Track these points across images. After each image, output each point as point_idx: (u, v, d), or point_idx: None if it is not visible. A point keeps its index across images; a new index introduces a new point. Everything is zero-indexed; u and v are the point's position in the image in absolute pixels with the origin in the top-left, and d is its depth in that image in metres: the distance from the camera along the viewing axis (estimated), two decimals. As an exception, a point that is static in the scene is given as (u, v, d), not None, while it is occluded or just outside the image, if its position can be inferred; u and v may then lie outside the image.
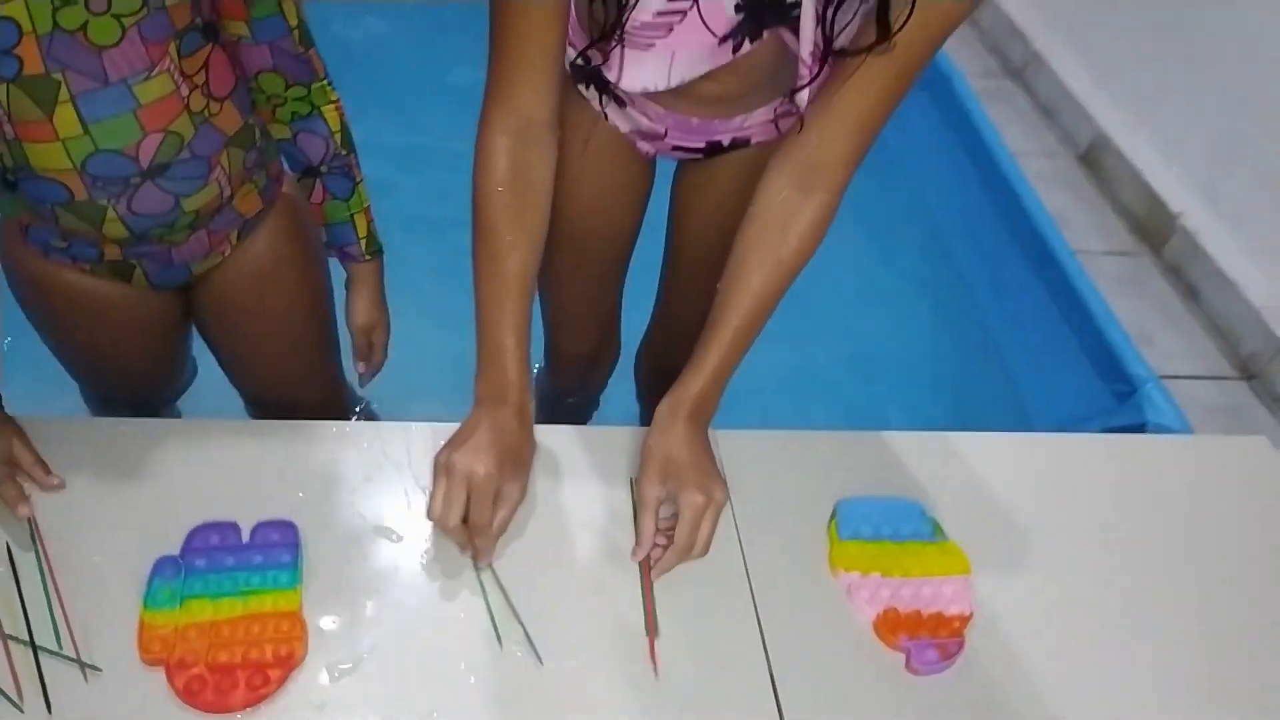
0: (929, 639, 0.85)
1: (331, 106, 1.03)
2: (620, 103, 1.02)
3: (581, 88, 1.03)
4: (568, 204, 1.07)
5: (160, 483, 0.85)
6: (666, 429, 0.89)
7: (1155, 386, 1.50)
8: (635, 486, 0.90)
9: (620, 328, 1.37)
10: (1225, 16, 2.45)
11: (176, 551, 0.79)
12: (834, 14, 0.79)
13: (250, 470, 0.87)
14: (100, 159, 0.86)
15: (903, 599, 0.88)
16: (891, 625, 0.86)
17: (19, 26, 0.77)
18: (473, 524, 0.82)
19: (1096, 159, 2.81)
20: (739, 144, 1.05)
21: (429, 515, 0.82)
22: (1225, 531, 0.98)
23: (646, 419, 0.95)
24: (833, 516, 0.94)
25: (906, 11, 0.75)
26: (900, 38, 0.77)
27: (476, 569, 0.84)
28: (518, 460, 0.87)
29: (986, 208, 2.09)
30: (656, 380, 1.14)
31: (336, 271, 1.17)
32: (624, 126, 1.05)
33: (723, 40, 0.86)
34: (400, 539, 0.86)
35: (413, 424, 0.96)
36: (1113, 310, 1.76)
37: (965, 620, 0.87)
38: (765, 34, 0.86)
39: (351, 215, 1.09)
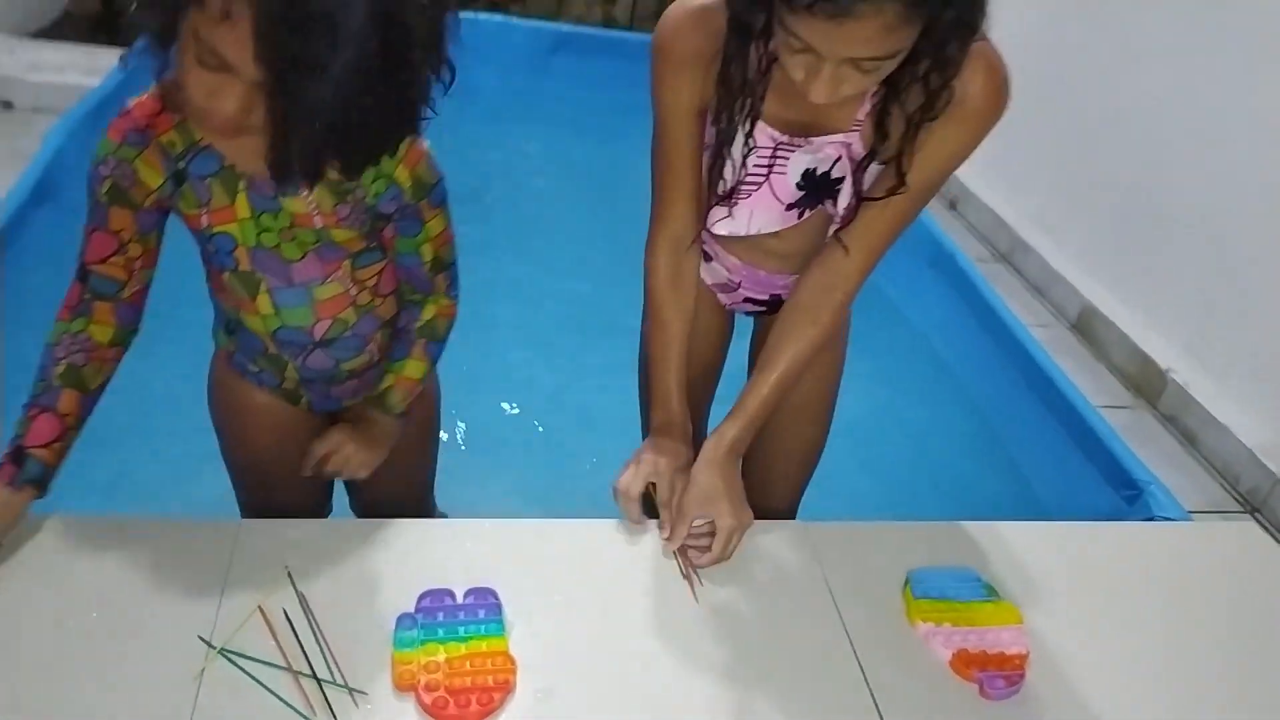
0: (996, 671, 1.07)
1: (435, 306, 1.23)
2: (707, 257, 1.33)
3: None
4: (696, 355, 1.37)
5: (391, 559, 1.10)
6: (709, 463, 1.18)
7: (1157, 486, 1.75)
8: (679, 502, 1.17)
9: None
10: (1190, 192, 2.84)
11: (412, 609, 1.03)
12: (863, 181, 1.11)
13: (451, 552, 1.12)
14: (285, 332, 1.17)
15: (970, 642, 1.10)
16: (965, 662, 1.08)
17: (235, 239, 1.09)
18: (660, 499, 1.16)
19: (1088, 326, 3.14)
20: None
21: (616, 485, 1.15)
22: (1219, 601, 1.21)
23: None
24: (906, 582, 1.17)
25: (916, 161, 1.06)
26: (912, 178, 1.09)
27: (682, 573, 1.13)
28: (682, 467, 1.20)
29: (990, 349, 2.41)
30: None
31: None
32: (709, 279, 1.36)
33: (788, 208, 1.18)
34: (570, 602, 1.09)
35: (561, 520, 1.22)
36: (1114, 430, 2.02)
37: (1024, 658, 1.09)
38: (824, 206, 1.18)
39: (385, 374, 1.25)
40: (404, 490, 1.43)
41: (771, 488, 1.42)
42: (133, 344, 1.15)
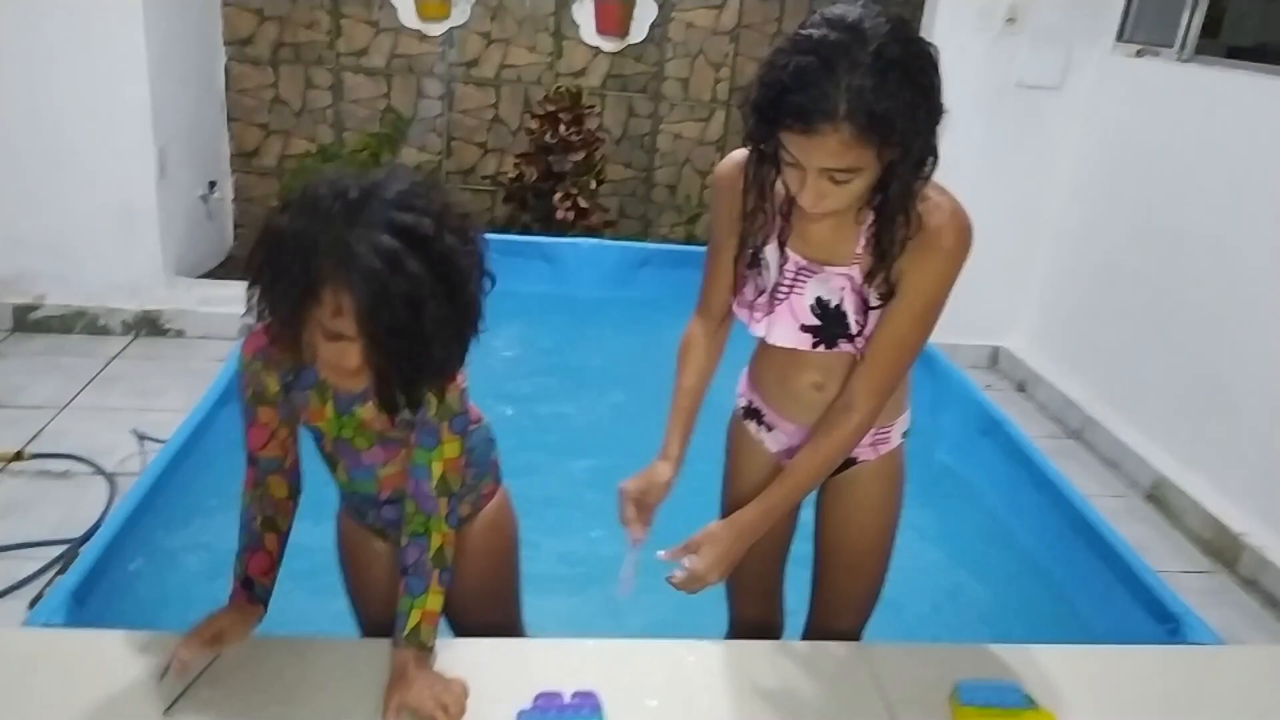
0: (1033, 767, 1.22)
1: (439, 535, 1.36)
2: (769, 428, 1.59)
3: (750, 425, 1.62)
4: (738, 500, 1.59)
5: (504, 670, 1.34)
6: (723, 525, 1.45)
7: (1191, 616, 1.86)
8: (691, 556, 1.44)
9: (783, 608, 1.80)
10: (1251, 364, 3.01)
11: (529, 707, 1.26)
12: (866, 319, 1.38)
13: (557, 663, 1.35)
14: (357, 496, 1.48)
15: (1010, 743, 1.26)
16: (1005, 758, 1.24)
17: (322, 432, 1.41)
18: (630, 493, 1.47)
19: (1161, 496, 3.24)
20: (850, 462, 1.58)
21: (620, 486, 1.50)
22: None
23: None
24: (953, 693, 1.35)
25: (903, 290, 1.34)
26: (903, 304, 1.36)
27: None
28: (658, 485, 1.49)
29: (1049, 514, 2.58)
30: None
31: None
32: (774, 447, 1.61)
33: (803, 329, 1.43)
34: (661, 705, 1.30)
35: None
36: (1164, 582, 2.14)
37: (1059, 757, 1.25)
38: (840, 345, 1.42)
39: (410, 609, 1.33)
40: (497, 616, 1.63)
41: (841, 616, 1.62)
42: (301, 497, 1.46)
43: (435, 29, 4.53)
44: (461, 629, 1.65)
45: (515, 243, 4.13)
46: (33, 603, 2.13)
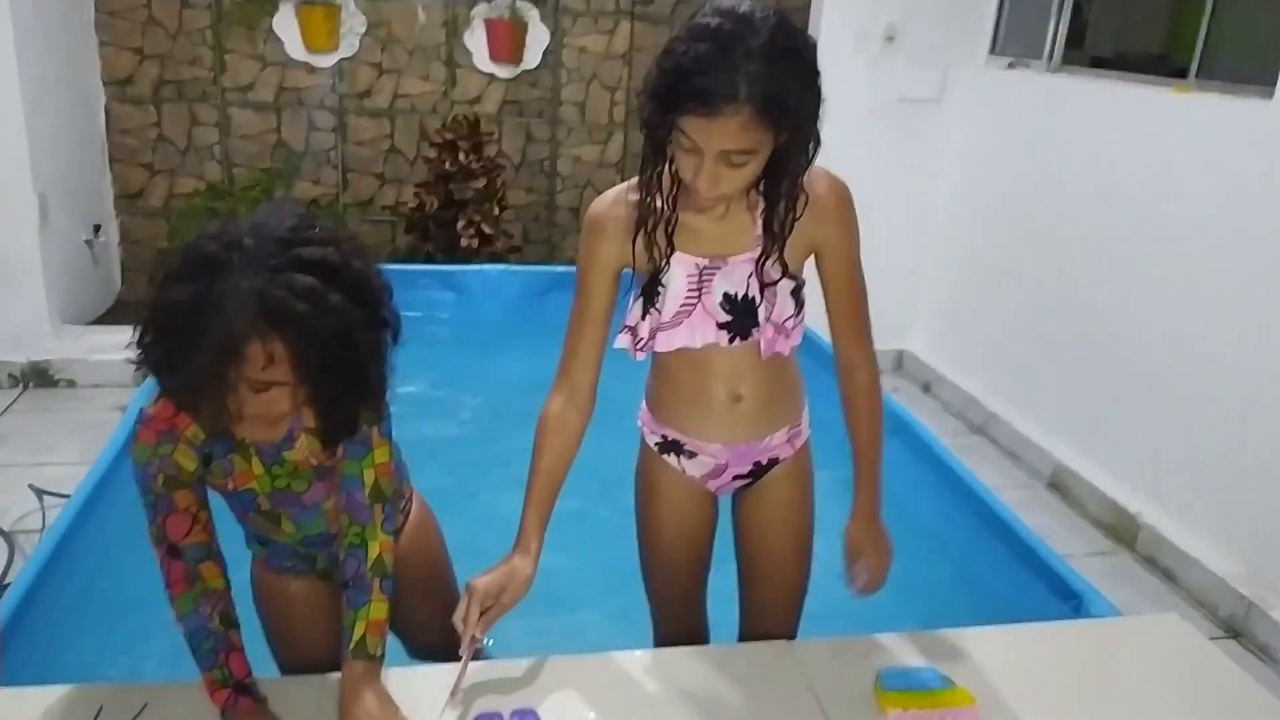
0: (955, 742, 1.28)
1: (376, 543, 1.35)
2: (691, 454, 1.60)
3: (669, 458, 1.61)
4: (662, 532, 1.64)
5: (441, 693, 1.31)
6: (865, 533, 1.56)
7: (1092, 592, 1.97)
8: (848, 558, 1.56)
9: (707, 622, 1.83)
10: (1131, 352, 3.19)
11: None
12: (774, 300, 1.44)
13: (495, 684, 1.34)
14: (309, 540, 1.45)
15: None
16: (927, 737, 1.29)
17: (255, 492, 1.38)
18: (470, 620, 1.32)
19: (1061, 484, 3.40)
20: (773, 463, 1.62)
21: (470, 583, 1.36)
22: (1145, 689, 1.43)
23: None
24: (876, 680, 1.39)
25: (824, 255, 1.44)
26: (832, 266, 1.46)
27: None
28: (517, 582, 1.37)
29: (958, 506, 2.68)
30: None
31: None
32: (697, 473, 1.61)
33: (719, 326, 1.46)
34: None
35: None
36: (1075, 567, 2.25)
37: (978, 730, 1.30)
38: (752, 334, 1.45)
39: (354, 621, 1.31)
40: (440, 612, 1.50)
41: (772, 620, 1.65)
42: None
43: (324, 61, 4.48)
44: (409, 633, 1.66)
45: (420, 272, 4.11)
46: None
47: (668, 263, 1.43)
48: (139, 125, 4.42)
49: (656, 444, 1.62)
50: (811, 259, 1.48)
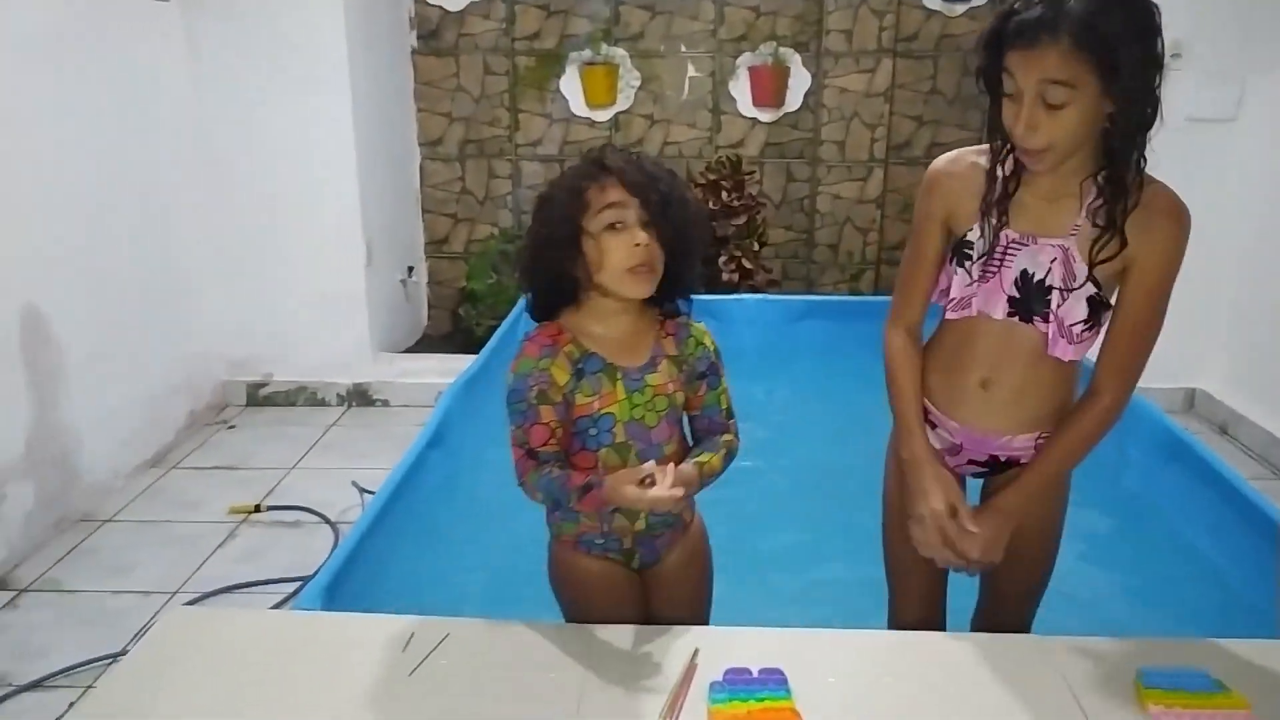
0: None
1: (730, 437, 1.59)
2: (932, 425, 1.64)
3: None
4: (900, 501, 1.66)
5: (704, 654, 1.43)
6: (989, 515, 1.54)
7: None
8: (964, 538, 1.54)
9: (945, 610, 1.81)
10: None
11: (720, 679, 1.36)
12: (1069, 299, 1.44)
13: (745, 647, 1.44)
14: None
15: None
16: (1191, 736, 1.24)
17: (615, 417, 1.54)
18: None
19: (1388, 533, 3.00)
20: (1012, 462, 1.62)
21: (927, 509, 1.54)
22: None
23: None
24: (1137, 678, 1.35)
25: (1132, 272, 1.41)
26: (1135, 289, 1.42)
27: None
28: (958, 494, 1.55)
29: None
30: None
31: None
32: (937, 445, 1.64)
33: (1008, 300, 1.47)
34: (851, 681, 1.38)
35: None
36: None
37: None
38: (1035, 323, 1.47)
39: (701, 454, 1.55)
40: (690, 620, 1.68)
41: (1007, 611, 1.68)
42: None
43: (602, 115, 4.89)
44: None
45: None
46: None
47: (988, 230, 1.48)
48: (446, 180, 5.03)
49: None
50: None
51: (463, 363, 3.79)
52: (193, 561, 2.86)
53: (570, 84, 4.85)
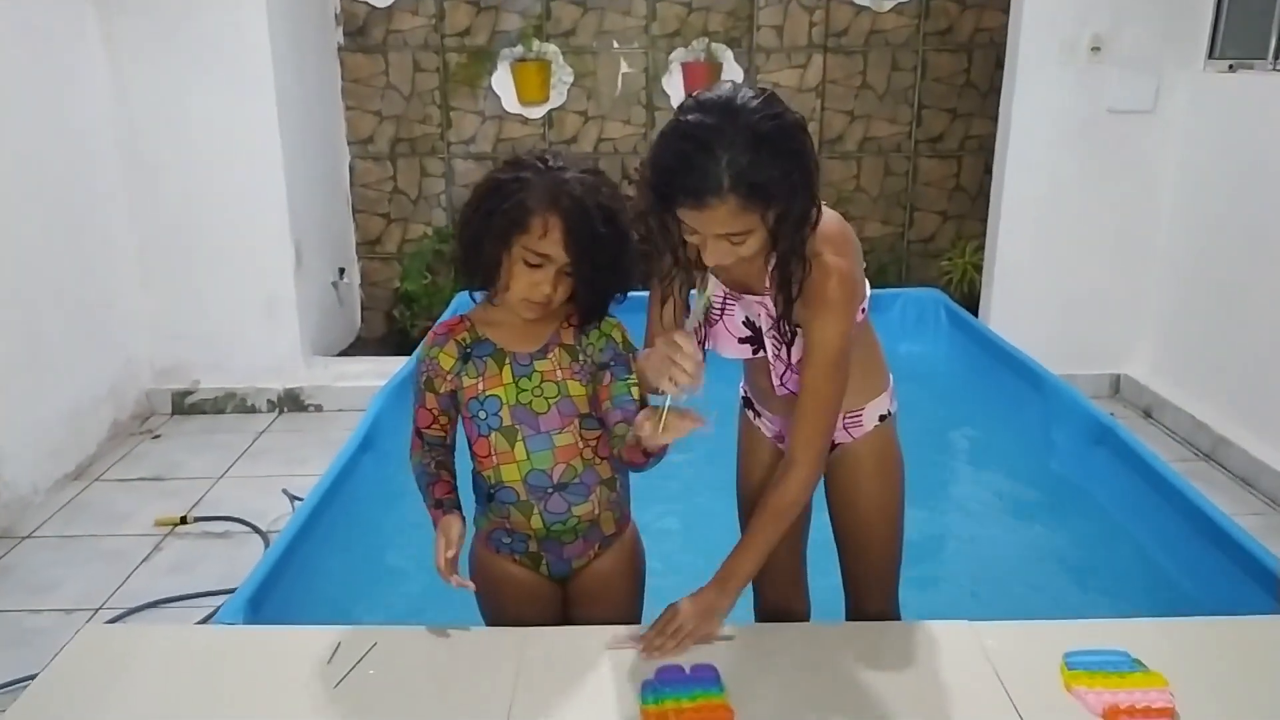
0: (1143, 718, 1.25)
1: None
2: (757, 414, 1.75)
3: (749, 413, 1.77)
4: (758, 485, 1.70)
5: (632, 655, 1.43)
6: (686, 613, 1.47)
7: None
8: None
9: (808, 591, 1.87)
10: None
11: (652, 678, 1.35)
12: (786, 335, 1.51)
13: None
14: (533, 475, 1.56)
15: (1120, 699, 1.29)
16: (1113, 713, 1.27)
17: (500, 400, 1.54)
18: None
19: (1303, 510, 3.11)
20: (832, 445, 1.64)
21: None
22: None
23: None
24: (1062, 660, 1.38)
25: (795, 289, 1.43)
26: (808, 358, 1.47)
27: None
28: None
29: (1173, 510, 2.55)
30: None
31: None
32: (767, 432, 1.74)
33: (740, 341, 1.58)
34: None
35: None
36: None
37: (1170, 710, 1.26)
38: (765, 348, 1.55)
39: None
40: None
41: (865, 598, 1.74)
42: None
43: (535, 112, 4.85)
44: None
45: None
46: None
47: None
48: (377, 179, 4.94)
49: (742, 398, 1.81)
50: None
51: (398, 365, 3.73)
52: (117, 576, 2.77)
53: (502, 81, 4.80)
